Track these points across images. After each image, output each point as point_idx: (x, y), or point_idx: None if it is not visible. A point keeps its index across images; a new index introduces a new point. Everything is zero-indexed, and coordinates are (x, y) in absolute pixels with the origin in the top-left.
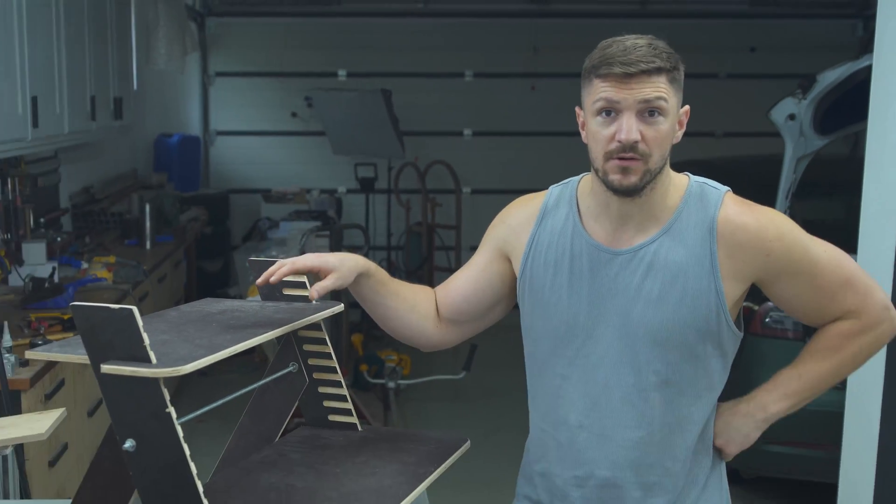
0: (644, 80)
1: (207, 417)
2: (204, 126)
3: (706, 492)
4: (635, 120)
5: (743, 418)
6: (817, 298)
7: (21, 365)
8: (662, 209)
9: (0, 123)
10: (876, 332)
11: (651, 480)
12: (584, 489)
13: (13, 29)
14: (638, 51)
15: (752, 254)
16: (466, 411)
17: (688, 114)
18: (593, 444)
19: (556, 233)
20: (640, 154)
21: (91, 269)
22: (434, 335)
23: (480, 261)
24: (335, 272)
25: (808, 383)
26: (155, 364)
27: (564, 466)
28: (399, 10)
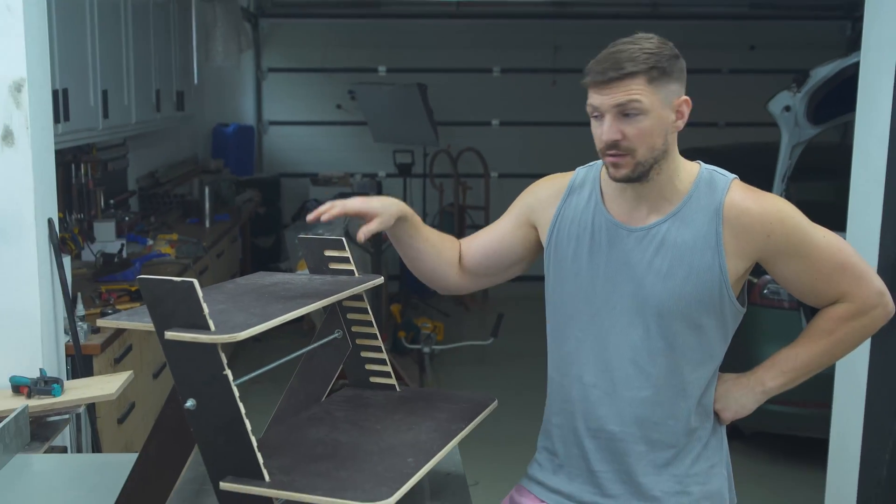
0: (617, 85)
1: (261, 379)
2: (257, 116)
3: (707, 450)
4: (616, 121)
5: (742, 390)
6: (814, 280)
7: (93, 332)
8: (673, 192)
9: (74, 114)
10: (869, 316)
11: (655, 437)
12: (595, 440)
13: (86, 30)
14: (611, 59)
15: (754, 234)
16: (494, 374)
17: (688, 104)
18: (604, 401)
19: (579, 209)
20: (625, 150)
21: (156, 245)
22: (453, 281)
23: (507, 224)
24: (379, 217)
25: (803, 363)
26: (213, 331)
27: (578, 420)
28: (433, 11)
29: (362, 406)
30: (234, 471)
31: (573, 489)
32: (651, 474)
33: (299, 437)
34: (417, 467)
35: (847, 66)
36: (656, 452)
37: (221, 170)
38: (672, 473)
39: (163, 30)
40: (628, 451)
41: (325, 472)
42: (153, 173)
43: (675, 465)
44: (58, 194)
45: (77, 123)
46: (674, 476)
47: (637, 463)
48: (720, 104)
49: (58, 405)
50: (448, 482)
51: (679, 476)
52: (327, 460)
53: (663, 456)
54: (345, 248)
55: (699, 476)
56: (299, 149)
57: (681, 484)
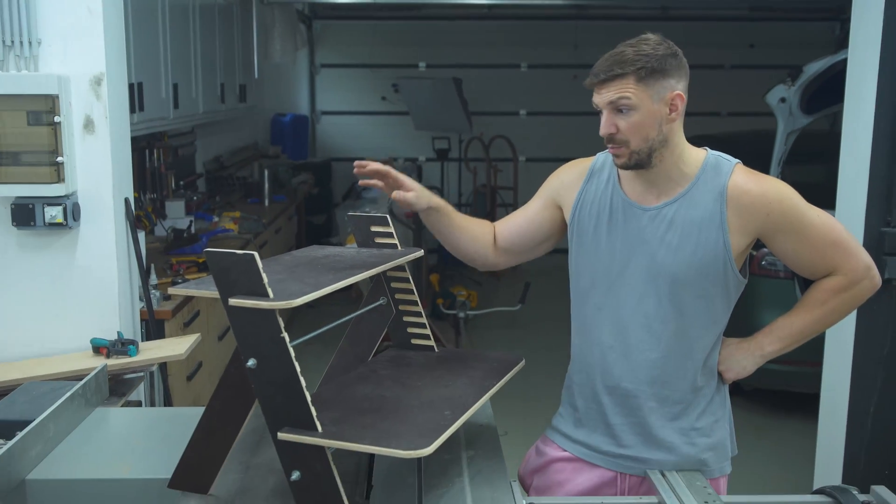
0: (609, 85)
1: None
2: (311, 107)
3: (711, 406)
4: (611, 116)
5: (744, 353)
6: (809, 254)
7: (165, 299)
8: (681, 176)
9: (149, 105)
10: (858, 288)
11: (665, 393)
12: (611, 397)
13: (158, 30)
14: (605, 62)
15: (754, 213)
16: (521, 336)
17: (681, 98)
18: (619, 361)
19: (599, 190)
20: (619, 142)
21: (220, 222)
22: (489, 259)
23: (536, 206)
24: (415, 191)
25: (798, 330)
26: (272, 298)
27: (597, 378)
28: (468, 13)
29: (404, 365)
30: (290, 422)
31: (592, 440)
32: (661, 427)
33: (348, 393)
34: (453, 419)
35: (836, 62)
36: (666, 407)
37: (279, 155)
38: (680, 426)
39: (227, 30)
40: (641, 406)
41: (370, 423)
42: (218, 158)
43: (682, 419)
44: (133, 177)
45: (150, 113)
46: (681, 429)
47: (649, 416)
48: (723, 96)
49: (133, 364)
50: (481, 432)
51: (686, 429)
52: (373, 413)
53: (672, 411)
54: (389, 224)
55: (704, 429)
56: (348, 136)
57: (687, 436)
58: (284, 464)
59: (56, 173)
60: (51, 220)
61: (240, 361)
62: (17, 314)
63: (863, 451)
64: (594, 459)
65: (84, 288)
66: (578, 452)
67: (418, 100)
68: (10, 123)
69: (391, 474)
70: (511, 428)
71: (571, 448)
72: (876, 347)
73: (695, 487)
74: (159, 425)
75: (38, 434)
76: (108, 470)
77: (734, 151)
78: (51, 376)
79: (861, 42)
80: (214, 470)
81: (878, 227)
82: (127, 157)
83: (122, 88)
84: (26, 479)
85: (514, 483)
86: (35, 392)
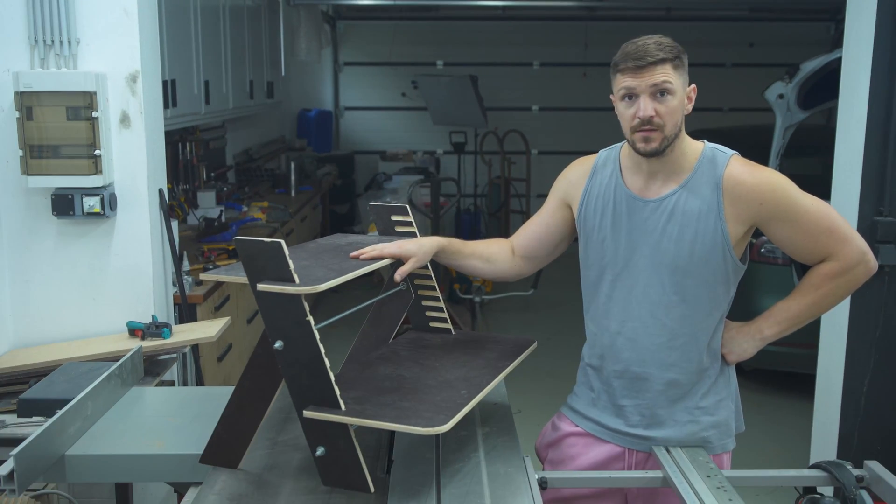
0: (652, 70)
1: (338, 325)
2: (335, 103)
3: (715, 387)
4: (649, 100)
5: (744, 336)
6: (804, 241)
7: (196, 284)
8: (682, 168)
9: (182, 101)
10: (853, 273)
11: (670, 377)
12: (622, 380)
13: (190, 30)
14: (646, 48)
15: (749, 202)
16: (534, 319)
17: (695, 91)
18: (628, 346)
19: (603, 185)
20: (656, 126)
21: (249, 211)
22: (511, 272)
23: (549, 209)
24: (413, 258)
25: (795, 314)
26: (298, 283)
27: (608, 362)
28: (483, 14)
29: (423, 346)
30: (315, 401)
31: (602, 418)
32: (666, 407)
33: (370, 373)
34: (469, 398)
35: (832, 60)
36: (672, 389)
37: (305, 148)
38: (684, 406)
39: (255, 29)
40: (649, 389)
41: (391, 402)
42: (247, 151)
43: (687, 399)
44: (167, 169)
45: (183, 109)
46: (686, 408)
47: (656, 398)
48: (724, 92)
49: (167, 346)
50: (495, 411)
51: (690, 408)
52: (393, 392)
53: (677, 392)
54: (408, 213)
55: (708, 408)
56: (370, 130)
57: (691, 415)
58: (309, 440)
59: (94, 165)
60: (89, 209)
61: (267, 343)
62: (57, 299)
63: (856, 428)
64: (604, 436)
65: (120, 274)
66: (590, 429)
67: (436, 96)
68: (50, 118)
69: (411, 450)
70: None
71: (584, 424)
72: (869, 330)
73: (697, 462)
74: (191, 404)
75: (77, 412)
76: (142, 446)
77: (735, 145)
78: (89, 357)
79: (855, 41)
80: (244, 446)
81: (871, 216)
82: (161, 150)
83: (156, 85)
84: (66, 454)
85: (527, 458)
86: (74, 372)
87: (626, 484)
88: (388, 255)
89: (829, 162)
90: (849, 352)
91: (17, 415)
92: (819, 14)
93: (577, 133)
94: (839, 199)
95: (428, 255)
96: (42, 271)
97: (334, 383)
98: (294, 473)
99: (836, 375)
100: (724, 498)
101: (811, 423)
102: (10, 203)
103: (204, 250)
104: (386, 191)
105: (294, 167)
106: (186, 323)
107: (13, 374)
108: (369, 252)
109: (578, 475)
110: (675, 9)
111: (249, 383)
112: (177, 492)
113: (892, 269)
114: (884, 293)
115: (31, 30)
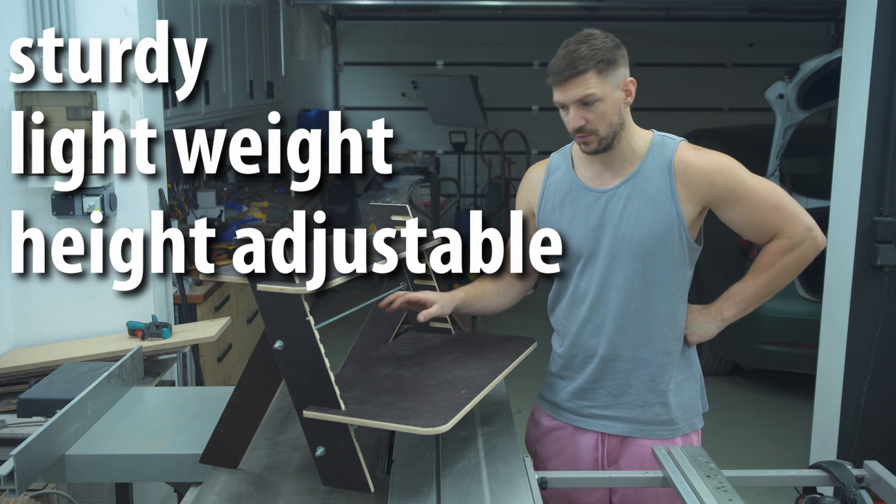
0: (573, 82)
1: (337, 324)
2: (335, 103)
3: (680, 368)
4: (578, 110)
5: (706, 318)
6: (753, 218)
7: (197, 284)
8: (632, 156)
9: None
10: (801, 249)
11: (637, 356)
12: (590, 365)
13: (190, 29)
14: (562, 62)
15: (699, 184)
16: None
17: (633, 83)
18: (596, 332)
19: (558, 184)
20: (589, 132)
21: (249, 211)
22: (517, 297)
23: (520, 224)
24: (438, 303)
25: (751, 293)
26: (297, 283)
27: (577, 349)
28: (483, 14)
29: (423, 346)
30: (315, 401)
31: (575, 405)
32: (637, 389)
33: (370, 373)
34: (469, 398)
35: (831, 60)
36: (640, 370)
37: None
38: (652, 387)
39: (255, 29)
40: (616, 370)
41: (391, 402)
42: None
43: (654, 380)
44: (167, 168)
45: (183, 108)
46: (654, 390)
47: (624, 380)
48: (724, 92)
49: (167, 346)
50: (495, 411)
51: (659, 389)
52: (393, 392)
53: (645, 373)
54: (409, 213)
55: (674, 389)
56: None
57: (660, 395)
58: (309, 440)
59: (94, 165)
60: (89, 209)
61: (267, 343)
62: (57, 299)
63: (856, 428)
64: (579, 423)
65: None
66: (565, 419)
67: (436, 96)
68: (50, 118)
69: (411, 450)
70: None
71: (559, 415)
72: (869, 330)
73: (697, 462)
74: (191, 404)
75: (77, 412)
76: (142, 446)
77: (735, 145)
78: (89, 357)
79: (855, 41)
80: (244, 446)
81: (871, 217)
82: (161, 150)
83: (156, 85)
84: (66, 454)
85: (527, 458)
86: (74, 372)
87: (626, 484)
88: (413, 300)
89: (828, 162)
90: (849, 352)
91: (17, 415)
92: (819, 14)
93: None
94: (839, 199)
95: (450, 307)
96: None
97: (334, 383)
98: (294, 473)
99: (836, 375)
100: (724, 498)
101: (811, 423)
102: (10, 203)
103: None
104: (386, 191)
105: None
106: (186, 323)
107: (13, 374)
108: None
109: (578, 475)
110: (675, 9)
111: (249, 383)
112: (177, 492)
113: (893, 269)
114: (884, 293)
115: (31, 29)
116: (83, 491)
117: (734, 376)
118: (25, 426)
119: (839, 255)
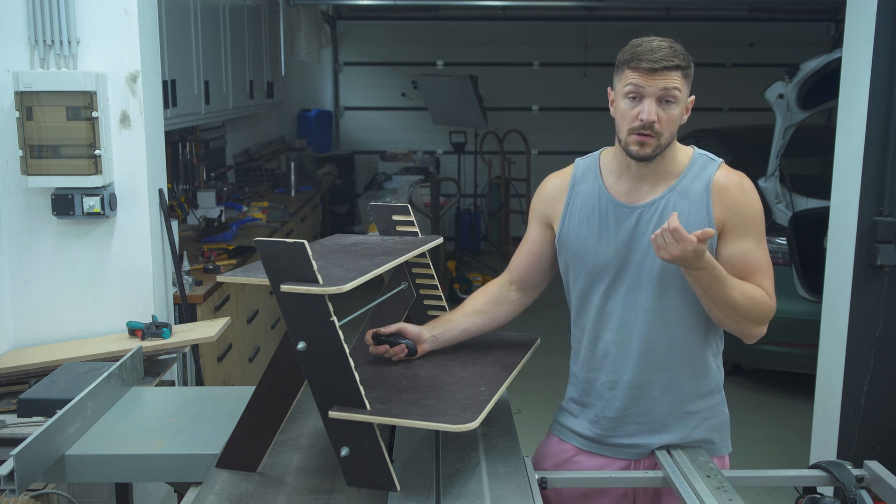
0: (664, 75)
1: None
2: (335, 103)
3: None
4: (655, 105)
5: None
6: (745, 265)
7: (197, 284)
8: (670, 172)
9: (182, 101)
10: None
11: (666, 381)
12: (613, 391)
13: (191, 30)
14: (662, 51)
15: (727, 208)
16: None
17: (693, 102)
18: (621, 356)
19: (586, 196)
20: (655, 132)
21: (249, 211)
22: (514, 311)
23: (533, 235)
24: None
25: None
26: (322, 284)
27: (600, 373)
28: (483, 14)
29: None
30: (339, 401)
31: (602, 434)
32: (667, 414)
33: (384, 373)
34: (490, 394)
35: (831, 60)
36: (669, 395)
37: (305, 148)
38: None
39: (255, 29)
40: (646, 396)
41: (414, 401)
42: (247, 150)
43: (687, 404)
44: (167, 168)
45: (183, 109)
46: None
47: (653, 405)
48: (724, 92)
49: (167, 346)
50: (495, 411)
51: (691, 412)
52: (413, 391)
53: (677, 397)
54: (410, 213)
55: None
56: (370, 130)
57: (693, 419)
58: (333, 440)
59: (94, 165)
60: (89, 209)
61: (289, 345)
62: (57, 299)
63: (856, 428)
64: (605, 452)
65: (120, 274)
66: (591, 448)
67: (436, 96)
68: (50, 118)
69: (411, 450)
70: (524, 406)
71: (583, 444)
72: (868, 330)
73: (697, 462)
74: (191, 404)
75: (77, 412)
76: (142, 446)
77: (735, 145)
78: (89, 357)
79: (855, 41)
80: (263, 449)
81: (871, 217)
82: (161, 150)
83: (156, 85)
84: (65, 454)
85: (527, 458)
86: (74, 372)
87: (626, 484)
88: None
89: (828, 162)
90: (849, 352)
91: (17, 415)
92: (819, 14)
93: (577, 133)
94: (839, 199)
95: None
96: (42, 271)
97: (359, 383)
98: (294, 473)
99: (836, 375)
100: (724, 498)
101: (811, 423)
102: (10, 203)
103: (204, 250)
104: (386, 191)
105: (294, 167)
106: (186, 323)
107: (13, 374)
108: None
109: (578, 475)
110: (675, 9)
111: (270, 385)
112: (177, 492)
113: (893, 269)
114: (884, 293)
115: (31, 30)
116: (83, 491)
117: (734, 376)
118: (25, 426)
119: (839, 255)
